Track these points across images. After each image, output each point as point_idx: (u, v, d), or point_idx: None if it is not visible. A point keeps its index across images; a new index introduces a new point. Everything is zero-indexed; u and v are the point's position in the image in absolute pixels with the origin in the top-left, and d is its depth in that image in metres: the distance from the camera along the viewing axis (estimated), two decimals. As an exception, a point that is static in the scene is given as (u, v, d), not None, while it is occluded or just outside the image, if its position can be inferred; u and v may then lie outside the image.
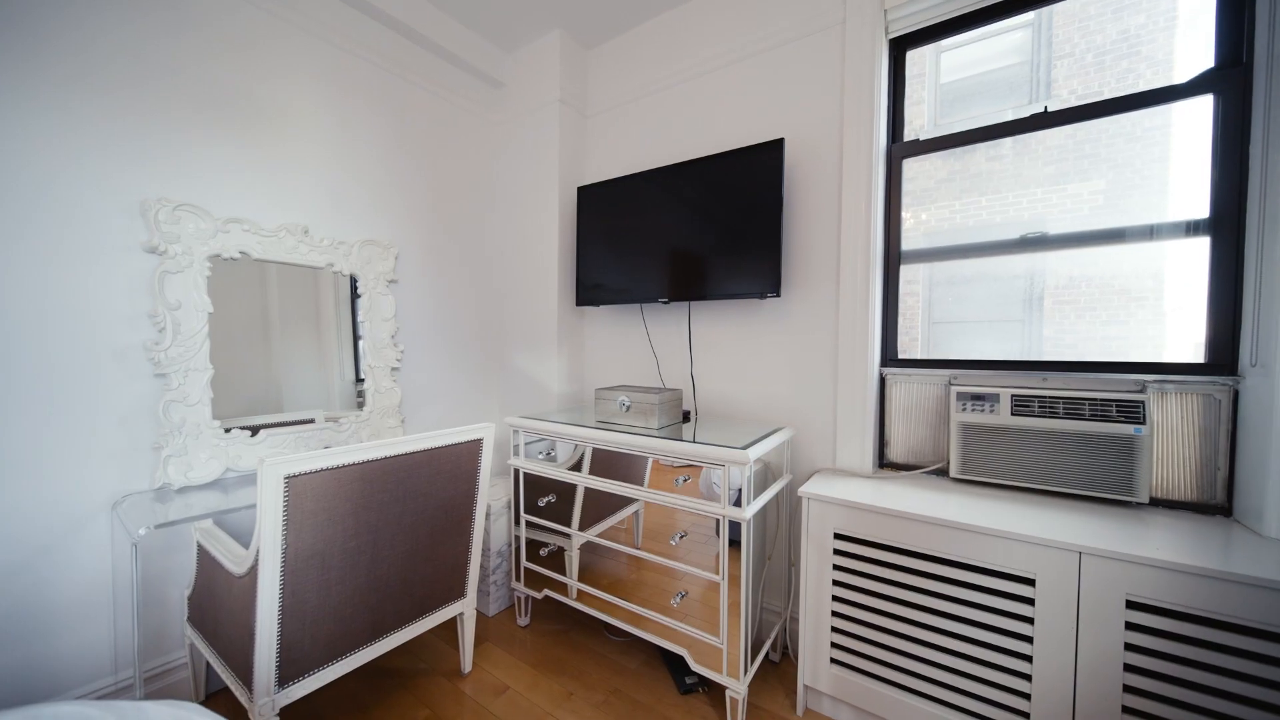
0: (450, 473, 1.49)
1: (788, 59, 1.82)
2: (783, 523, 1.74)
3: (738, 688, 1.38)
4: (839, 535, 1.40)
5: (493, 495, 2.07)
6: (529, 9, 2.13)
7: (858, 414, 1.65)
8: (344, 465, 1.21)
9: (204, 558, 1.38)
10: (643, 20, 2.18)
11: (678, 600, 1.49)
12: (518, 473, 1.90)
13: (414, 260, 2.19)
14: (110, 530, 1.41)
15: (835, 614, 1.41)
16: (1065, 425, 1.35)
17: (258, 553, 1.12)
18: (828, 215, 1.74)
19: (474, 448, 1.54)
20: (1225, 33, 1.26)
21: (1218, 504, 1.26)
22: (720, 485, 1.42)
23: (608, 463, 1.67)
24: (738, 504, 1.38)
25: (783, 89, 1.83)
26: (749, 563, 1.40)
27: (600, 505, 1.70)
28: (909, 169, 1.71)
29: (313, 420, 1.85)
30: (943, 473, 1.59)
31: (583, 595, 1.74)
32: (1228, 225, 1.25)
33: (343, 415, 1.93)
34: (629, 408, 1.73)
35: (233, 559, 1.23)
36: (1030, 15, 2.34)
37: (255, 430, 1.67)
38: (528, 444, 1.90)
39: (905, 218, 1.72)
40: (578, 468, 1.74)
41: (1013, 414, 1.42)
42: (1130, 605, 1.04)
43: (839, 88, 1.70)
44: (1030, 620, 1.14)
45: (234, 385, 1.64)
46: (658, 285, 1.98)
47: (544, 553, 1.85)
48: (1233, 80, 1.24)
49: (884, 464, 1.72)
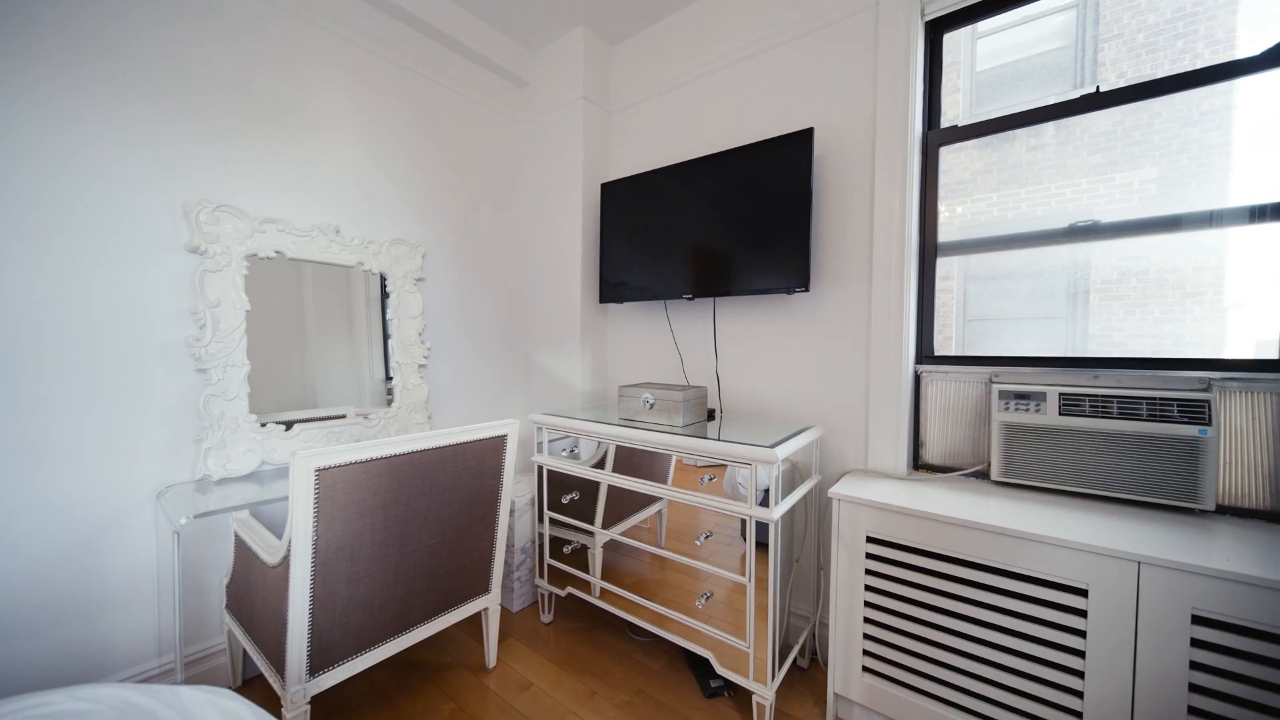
0: (475, 468, 1.49)
1: (817, 46, 1.77)
2: (811, 525, 1.69)
3: (765, 693, 1.34)
4: (872, 539, 1.35)
5: (516, 492, 2.08)
6: (554, 6, 2.14)
7: (891, 413, 1.59)
8: (372, 459, 1.23)
9: (241, 547, 1.42)
10: (667, 14, 2.16)
11: (703, 602, 1.46)
12: (541, 469, 1.91)
13: (441, 259, 2.22)
14: (155, 519, 1.47)
15: (868, 620, 1.36)
16: (1120, 426, 1.26)
17: (290, 543, 1.14)
18: (859, 207, 1.68)
19: (498, 444, 1.54)
20: (1303, 0, 1.16)
21: (1294, 513, 1.16)
22: (746, 485, 1.39)
23: (631, 461, 1.65)
24: (765, 504, 1.34)
25: (811, 78, 1.78)
26: (777, 565, 1.36)
27: (623, 504, 1.69)
28: (944, 160, 1.64)
29: (344, 415, 1.89)
30: (983, 475, 1.52)
31: (606, 594, 1.73)
32: (1306, 209, 1.15)
33: (373, 411, 1.97)
34: (653, 405, 1.71)
35: (267, 549, 1.26)
36: (1076, -8, 2.22)
37: (289, 425, 1.71)
38: (551, 441, 1.90)
39: (939, 210, 1.65)
40: (601, 466, 1.73)
41: (1060, 414, 1.34)
42: (1196, 620, 0.96)
43: (871, 74, 1.64)
44: (1082, 633, 1.07)
45: (270, 381, 1.68)
46: (681, 281, 1.96)
47: (567, 550, 1.85)
48: (1312, 51, 1.13)
49: (919, 465, 1.65)
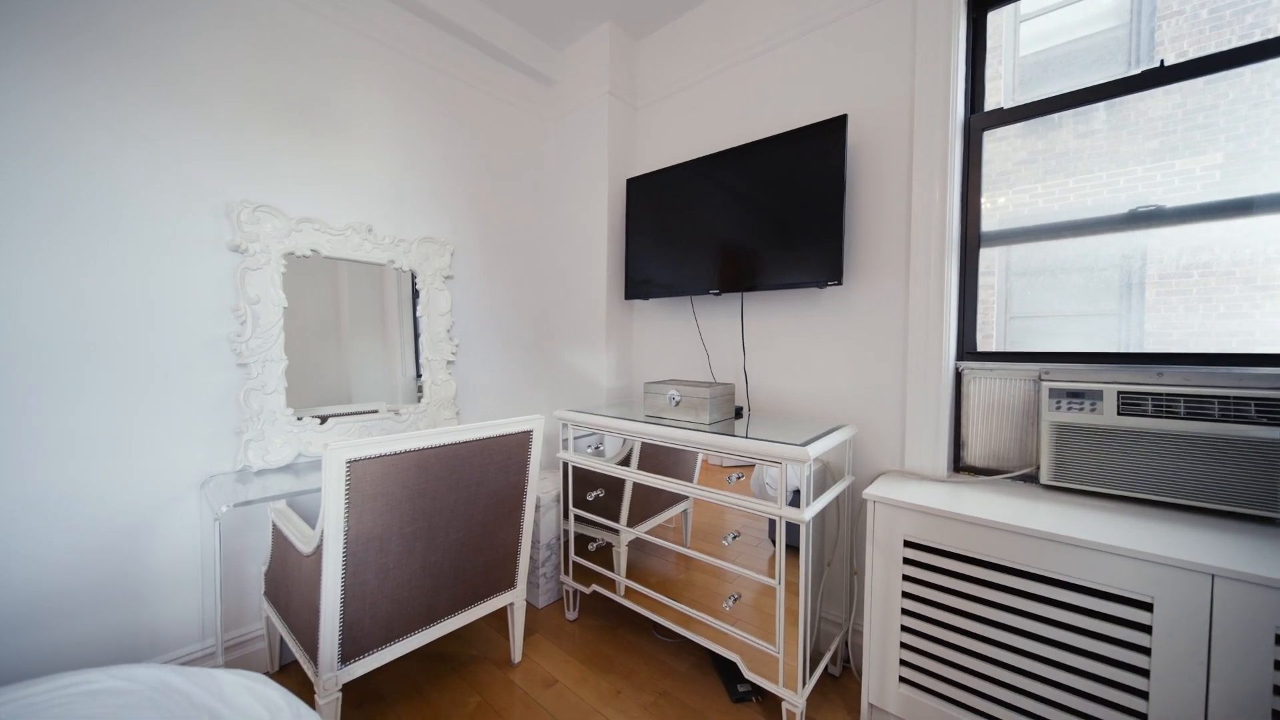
0: (501, 463, 1.50)
1: (850, 31, 1.70)
2: (844, 527, 1.63)
3: (795, 700, 1.30)
4: (910, 543, 1.28)
5: (541, 488, 2.08)
6: (580, 3, 2.13)
7: (930, 412, 1.52)
8: (401, 452, 1.24)
9: (278, 536, 1.46)
10: (693, 5, 2.13)
11: (730, 604, 1.42)
12: (566, 466, 1.90)
13: (468, 256, 2.25)
14: (199, 508, 1.53)
15: (905, 629, 1.29)
16: (1187, 427, 1.17)
17: (323, 533, 1.16)
18: (895, 196, 1.61)
19: (524, 439, 1.54)
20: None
21: (1395, 525, 1.04)
22: (774, 485, 1.35)
23: (656, 459, 1.62)
24: (795, 505, 1.30)
25: (843, 65, 1.72)
26: (808, 568, 1.31)
27: (648, 502, 1.67)
28: (985, 148, 1.55)
29: (376, 411, 1.93)
30: (1031, 479, 1.43)
31: (630, 593, 1.71)
32: None
33: (403, 407, 2.00)
34: (679, 402, 1.68)
35: (302, 538, 1.29)
36: (1133, -35, 2.09)
37: (324, 419, 1.76)
38: (576, 438, 1.89)
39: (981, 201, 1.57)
40: (626, 463, 1.71)
41: (1119, 413, 1.24)
42: (1282, 641, 0.87)
43: (909, 57, 1.57)
44: (1145, 650, 0.99)
45: (306, 376, 1.73)
46: (708, 276, 1.92)
47: (592, 548, 1.84)
48: None
49: (959, 468, 1.57)
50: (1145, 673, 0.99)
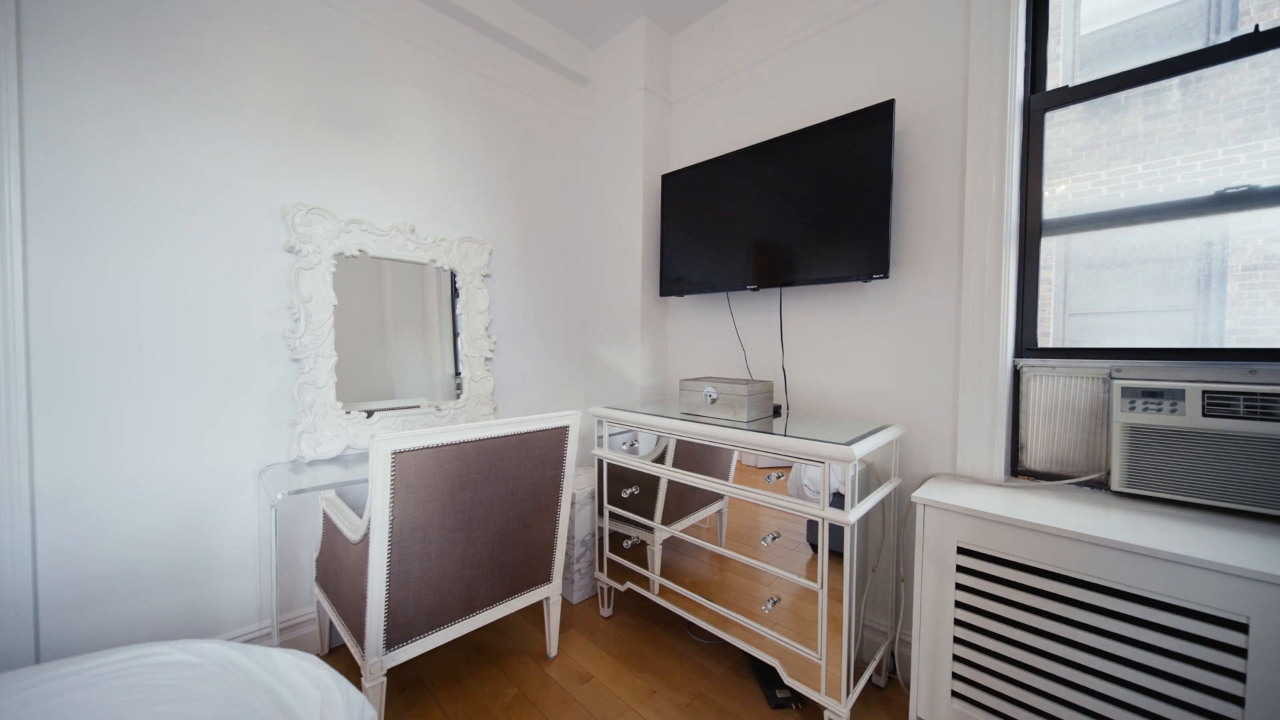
0: (539, 458, 1.51)
1: (895, 12, 1.63)
2: (889, 531, 1.56)
3: (839, 710, 1.25)
4: (964, 550, 1.21)
5: (576, 485, 2.09)
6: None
7: (985, 412, 1.43)
8: (443, 445, 1.27)
9: (328, 524, 1.52)
10: (731, -4, 2.10)
11: (769, 606, 1.38)
12: (601, 463, 1.90)
13: (506, 255, 2.29)
14: (257, 495, 1.61)
15: (959, 640, 1.22)
16: (1288, 430, 1.05)
17: (369, 522, 1.20)
18: (947, 183, 1.53)
19: (560, 434, 1.55)
20: None
21: None
22: (813, 486, 1.30)
23: (691, 457, 1.60)
24: (838, 507, 1.25)
25: (888, 49, 1.65)
26: (852, 573, 1.26)
27: (683, 502, 1.64)
28: (1045, 131, 1.45)
29: (418, 406, 1.99)
30: (1099, 485, 1.33)
31: (665, 591, 1.69)
32: None
33: (443, 403, 2.06)
34: (715, 400, 1.65)
35: (350, 526, 1.34)
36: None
37: (370, 413, 1.82)
38: (611, 435, 1.89)
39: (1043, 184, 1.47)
40: (660, 461, 1.70)
41: (1205, 414, 1.13)
42: None
43: (963, 37, 1.49)
44: (1240, 676, 0.89)
45: (354, 372, 1.80)
46: (745, 271, 1.88)
47: (627, 545, 1.83)
48: None
49: (1018, 471, 1.48)
50: (1239, 700, 0.89)
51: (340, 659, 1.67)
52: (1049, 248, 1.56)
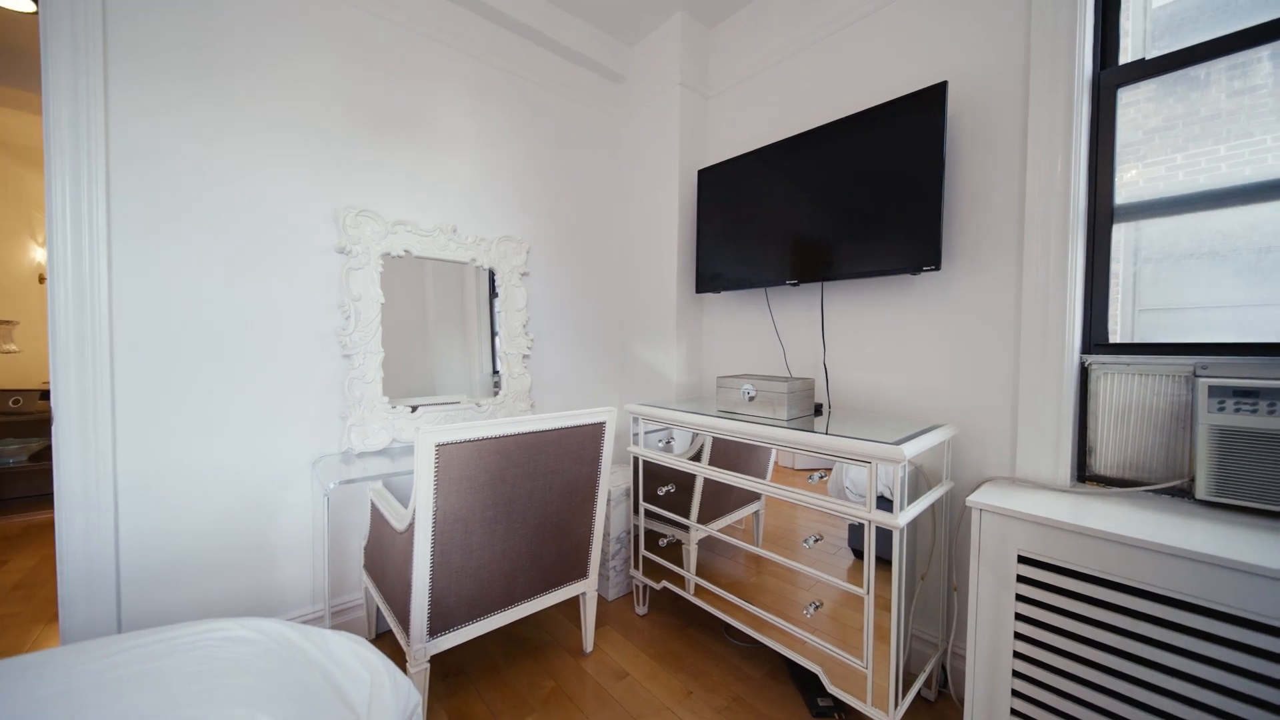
0: (576, 453, 1.52)
1: (949, -8, 1.55)
2: (941, 537, 1.48)
3: (886, 722, 1.19)
4: (1025, 559, 1.13)
5: (612, 482, 2.10)
6: (651, -4, 2.12)
7: (1049, 412, 1.34)
8: (484, 438, 1.29)
9: (375, 514, 1.58)
10: (770, -15, 2.04)
11: (811, 611, 1.34)
12: (637, 460, 1.90)
13: (543, 253, 2.32)
14: (310, 485, 1.69)
15: (1019, 655, 1.14)
16: None
17: (414, 511, 1.24)
18: (1005, 168, 1.44)
19: (597, 430, 1.56)
20: None
21: None
22: (856, 488, 1.25)
23: (728, 457, 1.57)
24: (885, 510, 1.19)
25: (939, 29, 1.57)
26: (901, 579, 1.20)
27: (719, 501, 1.62)
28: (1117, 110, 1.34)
29: (459, 402, 2.04)
30: (1181, 493, 1.21)
31: (701, 591, 1.67)
32: None
33: (482, 400, 2.11)
34: (754, 397, 1.62)
35: (396, 516, 1.38)
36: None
37: (414, 408, 1.89)
38: (647, 433, 1.89)
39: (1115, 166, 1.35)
40: (696, 459, 1.67)
41: (1311, 417, 1.02)
42: None
43: (1023, 12, 1.39)
44: (1359, 710, 0.79)
45: (399, 369, 1.87)
46: (784, 266, 1.83)
47: (663, 543, 1.82)
48: None
49: (1085, 477, 1.37)
50: (1357, 738, 0.79)
51: (386, 644, 1.73)
52: (1117, 239, 1.44)
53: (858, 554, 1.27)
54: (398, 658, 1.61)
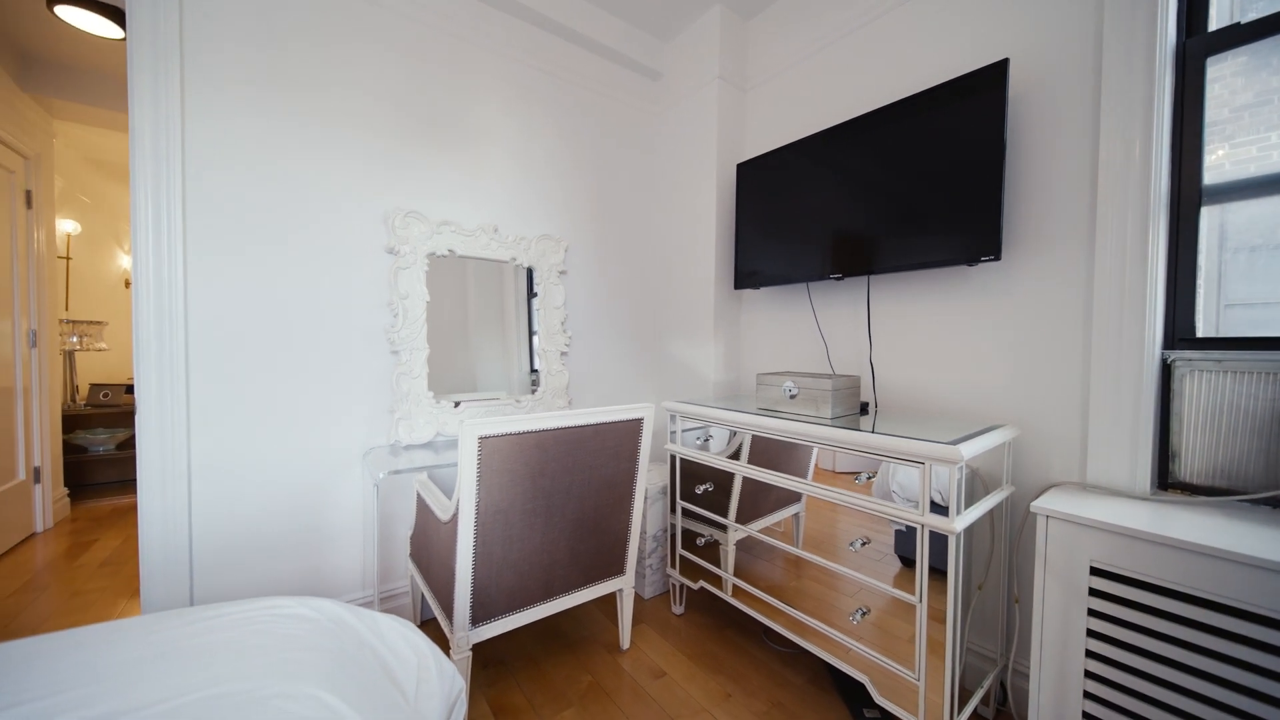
0: (613, 449, 1.52)
1: (1010, -35, 1.45)
2: (1000, 545, 1.39)
3: (940, 738, 1.13)
4: (1098, 570, 1.05)
5: (649, 480, 2.09)
6: (689, -10, 2.10)
7: (1125, 412, 1.23)
8: (525, 432, 1.31)
9: (421, 504, 1.64)
10: (812, -28, 1.98)
11: (857, 618, 1.28)
12: (674, 458, 1.88)
13: (580, 251, 2.34)
14: (361, 474, 1.77)
15: (1091, 675, 1.05)
16: None
17: (458, 503, 1.27)
18: (1074, 149, 1.34)
19: (635, 427, 1.55)
20: None
21: None
22: (904, 492, 1.19)
23: (767, 456, 1.53)
24: (940, 514, 1.13)
25: (995, 3, 1.47)
26: (958, 588, 1.13)
27: (757, 502, 1.58)
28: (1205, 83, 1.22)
29: (498, 398, 2.09)
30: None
31: (740, 593, 1.63)
32: None
33: (521, 396, 2.15)
34: (795, 395, 1.57)
35: (440, 507, 1.42)
36: None
37: (457, 403, 1.94)
38: (684, 431, 1.87)
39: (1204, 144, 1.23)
40: (735, 458, 1.64)
41: None
42: None
43: (1095, -20, 1.29)
44: None
45: (442, 365, 1.93)
46: (826, 260, 1.77)
47: (700, 543, 1.79)
48: None
49: (1168, 484, 1.25)
50: None
51: (430, 631, 1.79)
52: (1199, 227, 1.30)
53: (905, 561, 1.20)
54: (440, 645, 1.65)
